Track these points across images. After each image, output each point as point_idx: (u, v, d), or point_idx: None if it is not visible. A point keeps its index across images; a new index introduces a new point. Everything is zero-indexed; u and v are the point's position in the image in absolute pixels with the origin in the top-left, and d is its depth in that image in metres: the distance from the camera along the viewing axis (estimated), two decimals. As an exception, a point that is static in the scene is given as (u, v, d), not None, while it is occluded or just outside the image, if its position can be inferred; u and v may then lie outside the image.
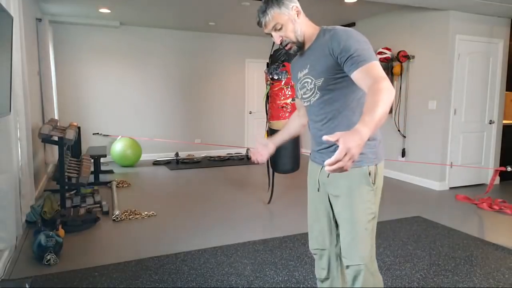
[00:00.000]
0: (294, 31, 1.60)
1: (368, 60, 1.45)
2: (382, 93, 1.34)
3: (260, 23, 1.62)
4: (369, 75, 1.43)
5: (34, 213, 3.66)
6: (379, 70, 1.44)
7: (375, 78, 1.41)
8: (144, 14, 6.24)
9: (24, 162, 3.50)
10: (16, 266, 2.87)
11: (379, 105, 1.31)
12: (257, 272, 2.80)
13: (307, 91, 1.68)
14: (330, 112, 1.63)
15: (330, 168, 1.22)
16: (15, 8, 3.39)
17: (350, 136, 1.24)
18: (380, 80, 1.38)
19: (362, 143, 1.25)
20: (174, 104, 7.76)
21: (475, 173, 5.65)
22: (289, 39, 1.62)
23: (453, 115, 5.35)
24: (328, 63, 1.55)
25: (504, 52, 5.60)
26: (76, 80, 6.97)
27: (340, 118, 1.61)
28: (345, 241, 1.67)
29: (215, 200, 4.72)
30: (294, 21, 1.59)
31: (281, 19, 1.58)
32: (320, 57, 1.58)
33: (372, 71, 1.43)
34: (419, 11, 5.45)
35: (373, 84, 1.39)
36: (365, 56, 1.45)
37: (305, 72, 1.66)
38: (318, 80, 1.60)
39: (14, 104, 3.10)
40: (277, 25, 1.59)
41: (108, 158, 6.94)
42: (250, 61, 8.32)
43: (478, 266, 2.95)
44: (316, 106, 1.67)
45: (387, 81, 1.39)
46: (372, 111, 1.30)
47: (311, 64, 1.63)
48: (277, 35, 1.62)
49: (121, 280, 2.66)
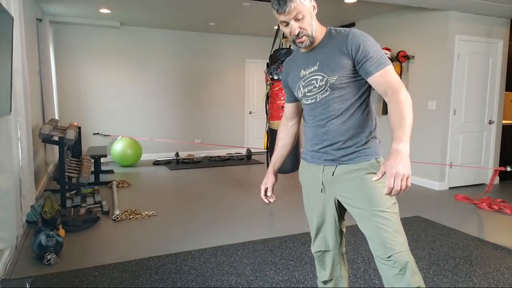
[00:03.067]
0: (311, 24, 1.59)
1: (385, 64, 1.53)
2: (405, 105, 1.45)
3: (283, 9, 1.52)
4: (387, 81, 1.52)
5: (35, 213, 3.66)
6: (395, 76, 1.53)
7: (394, 87, 1.50)
8: (144, 14, 6.25)
9: (24, 162, 3.50)
10: (17, 266, 2.88)
11: (406, 116, 1.43)
12: (257, 272, 2.81)
13: (314, 88, 1.65)
14: (338, 110, 1.62)
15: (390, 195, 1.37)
16: (16, 8, 3.40)
17: (390, 162, 1.37)
18: (399, 90, 1.49)
19: (404, 158, 1.36)
20: (174, 104, 7.76)
21: (474, 173, 5.65)
22: (306, 31, 1.59)
23: (453, 115, 5.35)
24: (344, 62, 1.57)
25: (503, 52, 5.60)
26: (76, 80, 6.97)
27: (346, 116, 1.62)
28: (376, 233, 1.57)
29: (215, 200, 4.73)
30: (311, 14, 1.59)
31: (303, 9, 1.55)
32: (334, 55, 1.58)
33: (390, 77, 1.53)
34: (419, 11, 5.46)
35: (393, 94, 1.49)
36: (382, 60, 1.53)
37: (314, 69, 1.64)
38: (331, 77, 1.59)
39: (14, 104, 3.10)
40: (299, 15, 1.54)
41: (108, 158, 6.95)
42: (250, 61, 8.32)
43: (477, 266, 2.95)
44: (323, 103, 1.65)
45: (404, 88, 1.50)
46: (402, 125, 1.42)
47: (322, 62, 1.62)
48: (296, 25, 1.56)
49: (122, 280, 2.66)
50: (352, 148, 1.63)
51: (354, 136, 1.62)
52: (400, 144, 1.40)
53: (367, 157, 1.63)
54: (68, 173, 4.27)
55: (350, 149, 1.63)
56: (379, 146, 1.68)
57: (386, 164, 1.37)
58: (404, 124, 1.42)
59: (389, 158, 1.39)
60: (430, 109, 5.44)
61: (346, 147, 1.63)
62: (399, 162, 1.35)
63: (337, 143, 1.64)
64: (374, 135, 1.67)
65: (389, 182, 1.34)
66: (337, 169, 1.66)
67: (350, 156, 1.63)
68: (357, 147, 1.62)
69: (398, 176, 1.34)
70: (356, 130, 1.62)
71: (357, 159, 1.63)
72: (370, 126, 1.65)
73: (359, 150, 1.62)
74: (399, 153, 1.38)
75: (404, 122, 1.43)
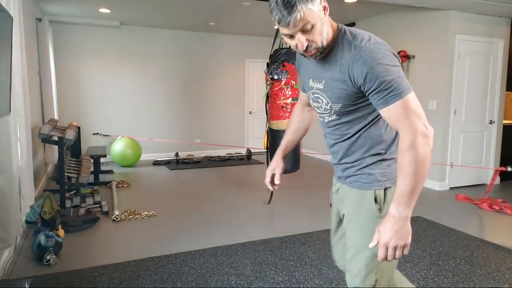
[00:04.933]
0: (322, 33, 1.28)
1: (398, 96, 1.23)
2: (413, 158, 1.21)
3: (286, 21, 1.22)
4: (400, 119, 1.24)
5: (34, 213, 3.66)
6: (412, 113, 1.24)
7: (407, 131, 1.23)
8: (144, 14, 6.24)
9: (24, 162, 3.49)
10: (16, 266, 2.87)
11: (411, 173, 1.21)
12: (257, 272, 2.80)
13: (321, 108, 1.48)
14: (346, 134, 1.45)
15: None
16: (15, 8, 3.39)
17: (385, 226, 1.23)
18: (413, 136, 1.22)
19: (402, 225, 1.21)
20: (174, 104, 7.76)
21: (475, 173, 5.65)
22: (315, 43, 1.29)
23: (453, 115, 5.34)
24: (348, 90, 1.33)
25: (504, 52, 5.59)
26: (76, 80, 6.96)
27: (354, 139, 1.45)
28: (349, 262, 1.51)
29: (215, 200, 4.72)
30: (323, 20, 1.28)
31: (312, 17, 1.23)
32: (338, 80, 1.34)
33: (404, 115, 1.23)
34: (419, 11, 5.45)
35: (404, 143, 1.23)
36: (394, 91, 1.23)
37: (319, 87, 1.43)
38: (335, 104, 1.40)
39: (14, 104, 3.09)
40: (307, 25, 1.24)
41: (108, 158, 6.94)
42: (250, 61, 8.31)
43: (478, 266, 2.94)
44: (331, 126, 1.49)
45: (420, 134, 1.22)
46: (405, 183, 1.22)
47: (327, 83, 1.39)
48: (304, 38, 1.27)
49: (121, 280, 2.65)
50: (353, 170, 1.48)
51: (360, 158, 1.45)
52: (400, 208, 1.22)
53: (366, 185, 1.44)
54: (68, 173, 4.26)
55: (352, 170, 1.48)
56: (388, 170, 1.43)
57: (380, 229, 1.24)
58: (407, 182, 1.21)
59: (384, 221, 1.24)
60: (430, 109, 5.43)
61: (350, 168, 1.49)
62: (392, 230, 1.21)
63: (344, 164, 1.51)
64: (384, 157, 1.43)
65: (380, 251, 1.23)
66: (341, 187, 1.58)
67: (351, 178, 1.50)
68: (358, 170, 1.46)
69: (390, 247, 1.22)
70: (362, 151, 1.44)
71: (355, 184, 1.48)
72: (380, 145, 1.43)
73: (358, 174, 1.46)
74: (393, 219, 1.22)
75: (408, 180, 1.21)
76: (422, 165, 1.21)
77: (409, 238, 1.24)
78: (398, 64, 1.28)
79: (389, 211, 1.25)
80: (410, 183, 1.21)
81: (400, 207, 1.22)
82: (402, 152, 1.25)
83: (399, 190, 1.24)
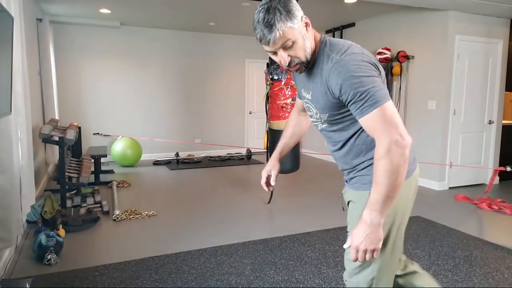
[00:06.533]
0: (304, 48, 1.32)
1: (373, 106, 1.24)
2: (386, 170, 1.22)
3: (266, 40, 1.27)
4: (376, 128, 1.26)
5: (35, 213, 3.66)
6: (387, 122, 1.24)
7: (382, 140, 1.24)
8: (144, 14, 6.25)
9: (24, 162, 3.50)
10: (17, 266, 2.88)
11: (384, 181, 1.23)
12: (257, 272, 2.81)
13: (313, 117, 1.53)
14: (339, 142, 1.50)
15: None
16: (16, 9, 3.40)
17: (355, 232, 1.27)
18: (387, 145, 1.23)
19: (371, 230, 1.25)
20: (174, 104, 7.77)
21: (474, 173, 5.66)
22: (298, 58, 1.34)
23: (453, 115, 5.35)
24: (330, 101, 1.38)
25: (503, 52, 5.60)
26: (76, 80, 6.98)
27: (347, 147, 1.49)
28: (347, 258, 1.54)
29: (215, 200, 4.73)
30: (304, 35, 1.32)
31: (293, 35, 1.28)
32: (321, 91, 1.39)
33: (380, 124, 1.24)
34: (419, 11, 5.46)
35: (378, 151, 1.25)
36: (368, 101, 1.25)
37: (309, 97, 1.48)
38: (323, 114, 1.45)
39: (14, 104, 3.10)
40: (288, 42, 1.28)
41: (108, 158, 6.95)
42: (250, 61, 8.32)
43: (477, 265, 2.95)
44: (325, 134, 1.55)
45: (394, 143, 1.22)
46: (378, 190, 1.24)
47: (314, 94, 1.44)
48: (286, 54, 1.32)
49: (122, 280, 2.66)
50: (353, 173, 1.52)
51: (358, 163, 1.49)
52: (373, 214, 1.25)
53: (363, 186, 1.46)
54: (68, 173, 4.27)
55: (353, 173, 1.53)
56: None
57: (353, 233, 1.28)
58: (381, 190, 1.23)
59: (357, 226, 1.28)
60: (430, 109, 5.44)
61: (351, 172, 1.53)
62: (363, 234, 1.25)
63: (347, 169, 1.56)
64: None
65: (351, 253, 1.28)
66: (346, 189, 1.61)
67: (352, 181, 1.54)
68: (357, 172, 1.50)
69: (360, 250, 1.26)
70: (359, 156, 1.47)
71: (355, 186, 1.52)
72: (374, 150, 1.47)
73: (357, 176, 1.50)
74: (365, 224, 1.26)
75: (382, 189, 1.23)
76: (396, 174, 1.22)
77: (379, 243, 1.28)
78: (375, 73, 1.29)
79: (362, 216, 1.28)
80: (384, 191, 1.23)
81: (373, 214, 1.25)
82: (376, 160, 1.26)
83: (372, 197, 1.26)
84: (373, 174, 1.27)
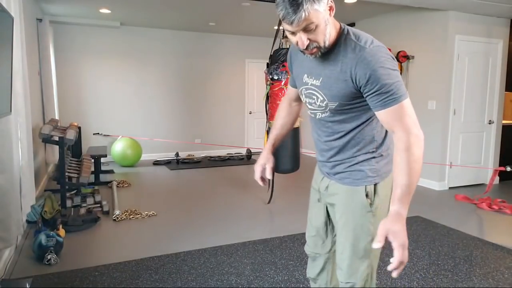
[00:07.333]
0: (325, 33, 1.29)
1: (397, 100, 1.27)
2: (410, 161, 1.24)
3: (290, 20, 1.21)
4: (396, 122, 1.29)
5: (35, 213, 3.66)
6: (408, 117, 1.29)
7: (403, 133, 1.27)
8: (144, 14, 6.25)
9: (24, 162, 3.50)
10: (17, 266, 2.88)
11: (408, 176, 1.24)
12: (257, 272, 2.81)
13: (315, 104, 1.48)
14: (338, 133, 1.48)
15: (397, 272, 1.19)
16: (16, 9, 3.40)
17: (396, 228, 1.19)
18: (408, 138, 1.26)
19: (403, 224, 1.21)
20: (174, 104, 7.77)
21: (474, 173, 5.66)
22: (317, 43, 1.30)
23: (453, 115, 5.35)
24: (347, 90, 1.35)
25: (503, 52, 5.60)
26: (76, 80, 6.98)
27: (346, 138, 1.47)
28: (341, 258, 1.55)
29: (215, 200, 4.73)
30: (327, 20, 1.28)
31: (317, 18, 1.23)
32: (338, 79, 1.35)
33: (401, 118, 1.28)
34: (419, 11, 5.46)
35: (401, 144, 1.27)
36: (393, 95, 1.27)
37: (316, 84, 1.43)
38: (332, 102, 1.41)
39: (14, 104, 3.10)
40: (311, 25, 1.24)
41: (108, 158, 6.95)
42: (250, 61, 8.32)
43: (477, 265, 2.95)
44: (323, 123, 1.51)
45: (414, 136, 1.27)
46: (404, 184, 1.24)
47: (326, 81, 1.39)
48: (305, 37, 1.27)
49: (122, 280, 2.66)
50: (343, 166, 1.51)
51: (351, 156, 1.48)
52: (403, 207, 1.23)
53: (356, 181, 1.47)
54: (68, 173, 4.27)
55: (342, 167, 1.51)
56: (377, 166, 1.48)
57: (394, 229, 1.19)
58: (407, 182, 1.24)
59: (393, 221, 1.21)
60: (430, 109, 5.44)
61: (340, 165, 1.52)
62: (404, 230, 1.20)
63: (334, 161, 1.53)
64: (374, 155, 1.48)
65: (399, 253, 1.18)
66: (330, 183, 1.58)
67: (340, 175, 1.52)
68: (349, 167, 1.49)
69: (405, 247, 1.19)
70: (354, 150, 1.48)
71: (346, 181, 1.50)
72: (372, 144, 1.47)
73: (348, 171, 1.49)
74: (402, 219, 1.21)
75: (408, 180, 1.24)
76: (419, 166, 1.26)
77: None
78: (398, 68, 1.33)
79: (395, 211, 1.22)
80: (410, 182, 1.24)
81: (403, 207, 1.23)
82: (399, 152, 1.27)
83: (400, 190, 1.24)
84: (396, 167, 1.27)
